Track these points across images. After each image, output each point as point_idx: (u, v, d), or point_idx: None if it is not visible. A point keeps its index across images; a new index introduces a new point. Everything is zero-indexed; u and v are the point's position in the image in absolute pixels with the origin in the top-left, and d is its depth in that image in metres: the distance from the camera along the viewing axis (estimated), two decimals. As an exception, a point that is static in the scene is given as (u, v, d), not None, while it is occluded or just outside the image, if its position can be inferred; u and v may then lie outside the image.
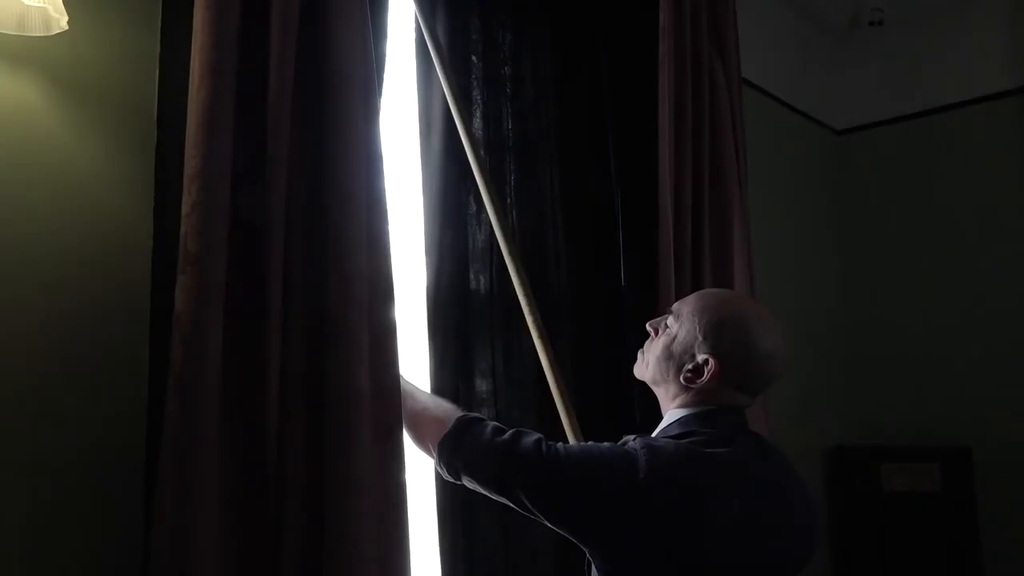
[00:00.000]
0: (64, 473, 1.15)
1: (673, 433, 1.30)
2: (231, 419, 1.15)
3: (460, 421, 1.31)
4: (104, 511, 1.18)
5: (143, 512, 1.19)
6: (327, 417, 1.16)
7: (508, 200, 1.90)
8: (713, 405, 1.32)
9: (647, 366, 1.41)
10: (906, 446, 2.93)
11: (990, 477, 2.84)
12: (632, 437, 1.28)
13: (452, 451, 1.29)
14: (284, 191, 1.18)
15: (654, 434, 1.36)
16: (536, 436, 1.27)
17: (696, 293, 1.43)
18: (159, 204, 1.26)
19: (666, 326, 1.38)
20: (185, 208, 1.12)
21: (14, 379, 1.12)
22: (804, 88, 3.16)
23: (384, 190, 1.33)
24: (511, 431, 1.28)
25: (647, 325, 1.43)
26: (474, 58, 1.87)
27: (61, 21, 1.10)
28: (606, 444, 1.28)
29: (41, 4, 1.07)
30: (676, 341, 1.34)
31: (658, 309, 1.93)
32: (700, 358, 1.30)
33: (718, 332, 1.30)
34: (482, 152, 1.81)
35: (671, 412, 1.36)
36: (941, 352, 3.07)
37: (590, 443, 1.31)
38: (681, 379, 1.32)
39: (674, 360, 1.34)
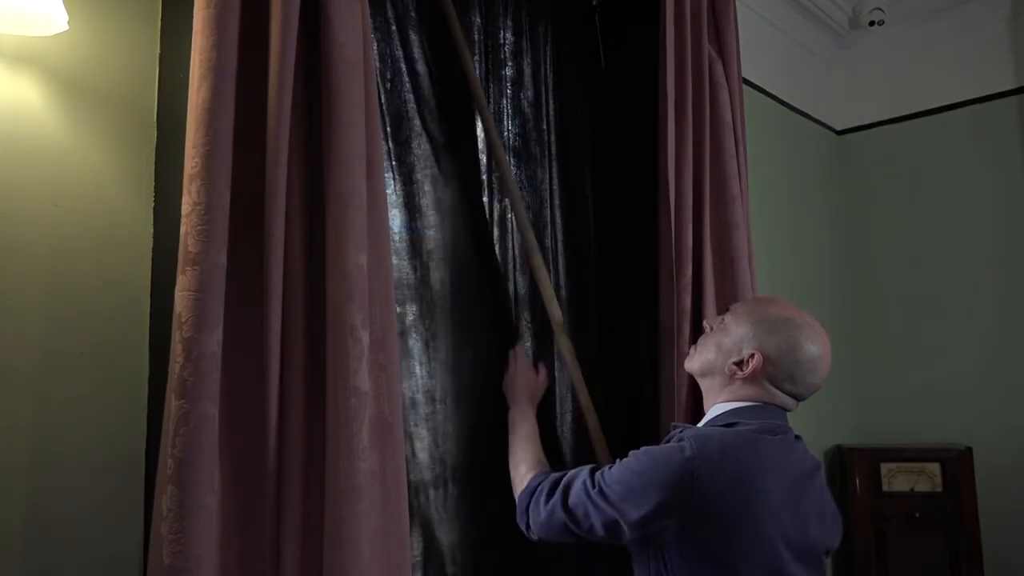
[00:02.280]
0: (64, 473, 1.15)
1: (721, 423, 1.40)
2: (232, 419, 1.14)
3: (520, 498, 1.46)
4: (104, 511, 1.18)
5: (143, 512, 1.19)
6: (327, 417, 1.16)
7: (507, 199, 1.90)
8: (759, 401, 1.41)
9: (696, 358, 1.52)
10: (906, 446, 2.93)
11: (990, 477, 2.84)
12: (680, 428, 1.40)
13: (526, 527, 1.44)
14: (284, 191, 1.18)
15: (699, 425, 1.46)
16: (580, 480, 1.36)
17: (754, 297, 1.56)
18: (159, 204, 1.27)
19: (722, 323, 1.49)
20: (185, 208, 1.12)
21: (14, 379, 1.12)
22: (804, 88, 3.16)
23: (384, 189, 1.33)
24: (560, 488, 1.37)
25: (704, 322, 1.55)
26: (475, 58, 1.87)
27: (61, 21, 1.10)
28: (655, 447, 1.36)
29: (41, 4, 1.07)
30: (728, 336, 1.45)
31: (659, 307, 1.94)
32: (747, 352, 1.41)
33: (767, 330, 1.41)
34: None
35: (717, 405, 1.45)
36: (941, 352, 3.07)
37: (640, 449, 1.37)
38: (726, 370, 1.43)
39: (723, 353, 1.45)
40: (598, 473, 1.35)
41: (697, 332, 1.98)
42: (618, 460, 1.37)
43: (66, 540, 1.14)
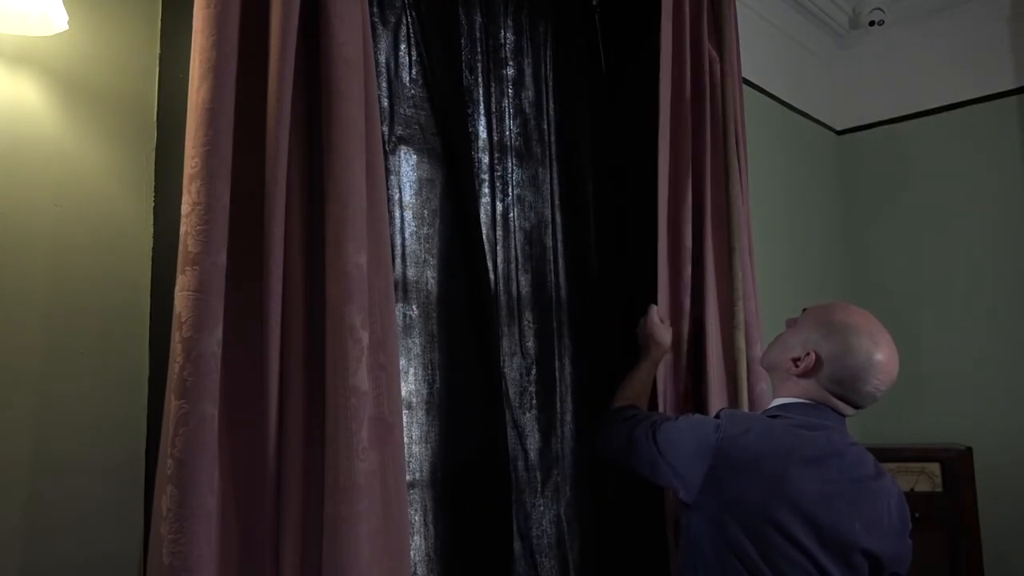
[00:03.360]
0: (64, 473, 1.15)
1: (768, 414, 1.50)
2: (231, 419, 1.15)
3: (605, 415, 1.73)
4: (104, 511, 1.18)
5: (143, 512, 1.19)
6: (327, 417, 1.16)
7: (508, 199, 1.90)
8: (811, 400, 1.48)
9: (765, 354, 1.63)
10: (906, 446, 2.93)
11: (990, 477, 2.84)
12: (724, 408, 1.56)
13: (594, 434, 1.74)
14: (284, 191, 1.18)
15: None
16: (647, 422, 1.56)
17: (832, 302, 1.61)
18: (159, 204, 1.27)
19: (795, 322, 1.56)
20: (185, 208, 1.12)
21: (15, 378, 1.12)
22: (804, 88, 3.16)
23: (384, 189, 1.33)
24: (630, 420, 1.61)
25: (785, 321, 1.61)
26: (478, 57, 1.87)
27: (61, 21, 1.10)
28: (702, 416, 1.57)
29: (41, 4, 1.07)
30: (794, 336, 1.53)
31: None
32: (804, 351, 1.47)
33: (825, 333, 1.47)
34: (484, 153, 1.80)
35: (776, 399, 1.55)
36: (941, 352, 3.07)
37: (693, 414, 1.60)
38: (784, 367, 1.51)
39: (786, 350, 1.52)
40: (660, 420, 1.55)
41: (696, 332, 1.99)
42: (676, 416, 1.57)
43: (66, 540, 1.14)
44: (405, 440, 1.54)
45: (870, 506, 1.41)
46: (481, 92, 1.88)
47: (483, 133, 1.88)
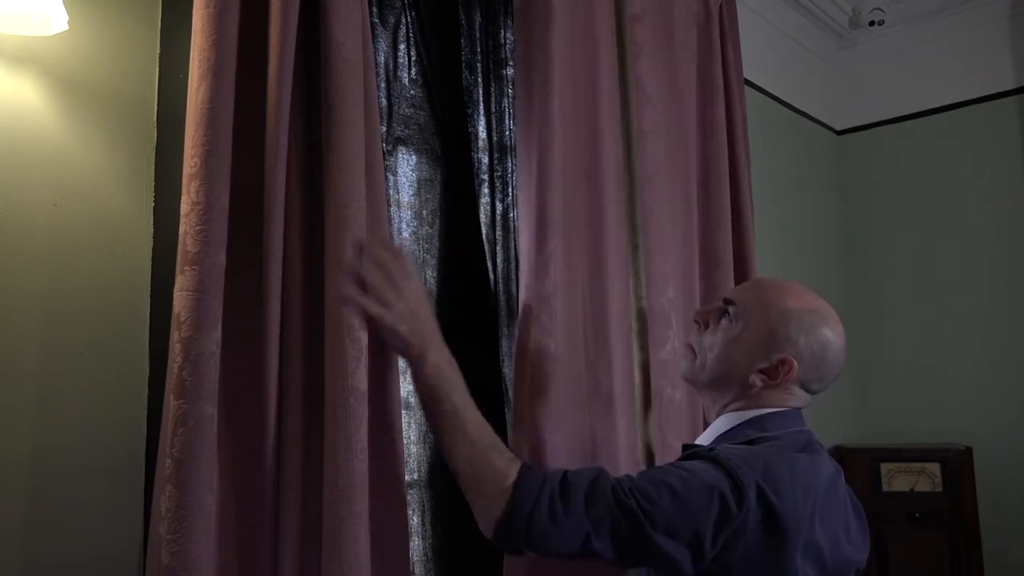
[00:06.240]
0: (64, 473, 1.15)
1: (742, 440, 1.18)
2: (230, 419, 1.15)
3: (520, 497, 1.10)
4: (104, 511, 1.18)
5: (143, 512, 1.19)
6: (326, 417, 1.16)
7: (508, 199, 1.90)
8: (782, 407, 1.22)
9: (704, 364, 1.25)
10: (906, 446, 2.93)
11: (990, 477, 2.84)
12: (706, 449, 1.16)
13: (519, 540, 1.11)
14: (284, 191, 1.18)
15: (702, 438, 1.26)
16: (607, 486, 1.09)
17: (757, 282, 1.31)
18: (159, 204, 1.27)
19: (728, 317, 1.24)
20: (185, 208, 1.12)
21: (14, 379, 1.12)
22: (804, 88, 3.16)
23: (384, 189, 1.33)
24: (577, 492, 1.08)
25: (695, 317, 1.29)
26: (477, 57, 1.88)
27: (61, 21, 1.10)
28: (703, 470, 1.10)
29: (41, 4, 1.07)
30: (745, 336, 1.22)
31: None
32: (777, 357, 1.20)
33: (797, 329, 1.20)
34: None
35: (733, 415, 1.24)
36: (942, 352, 3.07)
37: (684, 468, 1.12)
38: (753, 380, 1.21)
39: (744, 357, 1.22)
40: (622, 480, 1.11)
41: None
42: (647, 471, 1.16)
43: (66, 540, 1.14)
44: (403, 440, 1.54)
45: (844, 511, 1.22)
46: (481, 92, 1.88)
47: (483, 133, 1.88)
